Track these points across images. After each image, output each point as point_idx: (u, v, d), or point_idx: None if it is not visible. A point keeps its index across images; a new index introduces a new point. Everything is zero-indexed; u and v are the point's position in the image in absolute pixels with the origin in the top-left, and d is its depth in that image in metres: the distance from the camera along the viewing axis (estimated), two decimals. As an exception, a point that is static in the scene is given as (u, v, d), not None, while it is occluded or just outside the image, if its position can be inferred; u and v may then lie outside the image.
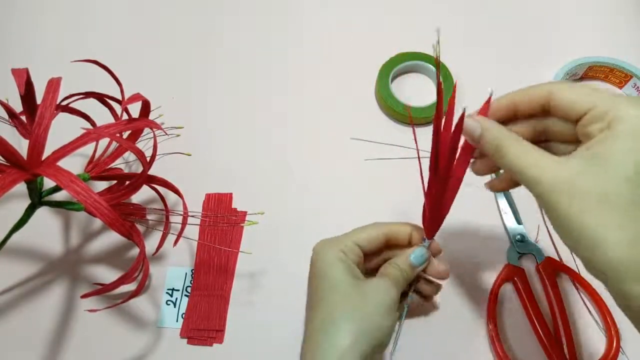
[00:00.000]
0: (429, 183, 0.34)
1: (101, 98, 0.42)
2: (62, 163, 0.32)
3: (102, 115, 0.42)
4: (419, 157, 0.34)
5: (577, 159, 0.25)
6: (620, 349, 0.40)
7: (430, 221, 0.35)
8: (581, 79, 0.54)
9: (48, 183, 0.36)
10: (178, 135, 0.49)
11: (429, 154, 0.33)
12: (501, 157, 0.28)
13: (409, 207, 0.47)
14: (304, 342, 0.34)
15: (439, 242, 0.38)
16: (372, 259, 0.38)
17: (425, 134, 0.50)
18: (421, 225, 0.37)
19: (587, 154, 0.25)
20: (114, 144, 0.45)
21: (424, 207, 0.36)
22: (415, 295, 0.39)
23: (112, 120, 0.43)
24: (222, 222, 0.47)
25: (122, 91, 0.42)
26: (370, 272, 0.38)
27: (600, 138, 0.25)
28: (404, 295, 0.37)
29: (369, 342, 0.31)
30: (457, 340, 0.42)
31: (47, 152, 0.32)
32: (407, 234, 0.37)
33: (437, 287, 0.39)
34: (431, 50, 0.54)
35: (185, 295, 0.44)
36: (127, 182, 0.41)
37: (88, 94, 0.41)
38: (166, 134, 0.42)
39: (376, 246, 0.36)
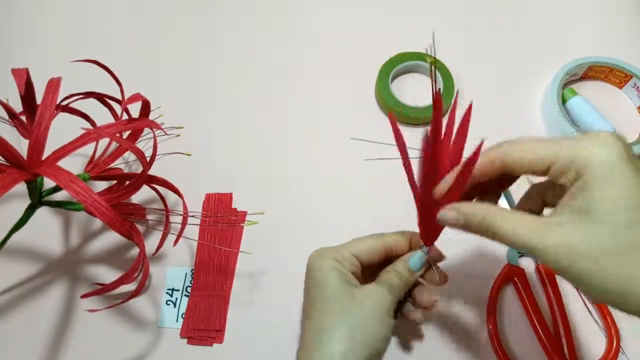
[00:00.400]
0: (420, 194, 0.32)
1: (101, 98, 0.42)
2: (62, 163, 0.32)
3: (102, 115, 0.42)
4: (407, 163, 0.31)
5: (564, 216, 0.24)
6: (620, 349, 0.40)
7: (426, 229, 0.34)
8: (581, 79, 0.54)
9: (48, 183, 0.36)
10: (178, 135, 0.49)
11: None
12: (493, 235, 0.27)
13: (410, 208, 0.47)
14: (298, 350, 0.33)
15: (440, 249, 0.36)
16: (371, 270, 0.37)
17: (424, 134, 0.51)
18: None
19: (571, 210, 0.24)
20: (114, 144, 0.45)
21: (418, 215, 0.34)
22: (411, 305, 0.37)
23: (112, 120, 0.43)
24: (222, 222, 0.47)
25: (122, 91, 0.42)
26: (369, 282, 0.37)
27: (576, 189, 0.24)
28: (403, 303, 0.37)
29: (363, 350, 0.31)
30: (458, 340, 0.42)
31: (47, 152, 0.32)
32: (407, 243, 0.36)
33: (435, 300, 0.37)
34: (431, 50, 0.54)
35: (185, 295, 0.44)
36: (127, 182, 0.41)
37: (88, 94, 0.41)
38: (166, 134, 0.42)
39: (375, 258, 0.36)
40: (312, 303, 0.34)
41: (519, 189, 0.49)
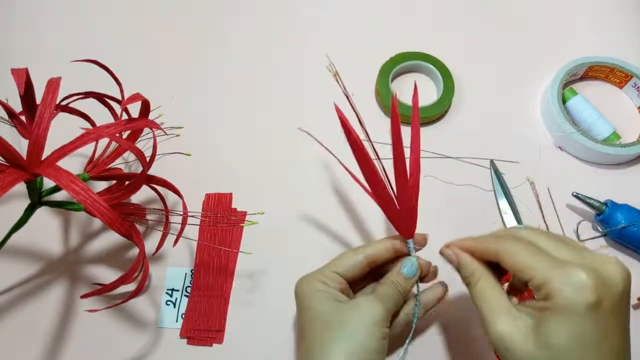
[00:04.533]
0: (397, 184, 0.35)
1: (101, 98, 0.42)
2: (62, 163, 0.32)
3: (102, 115, 0.42)
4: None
5: (524, 321, 0.28)
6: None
7: (401, 223, 0.35)
8: (581, 79, 0.54)
9: (48, 183, 0.36)
10: (178, 135, 0.49)
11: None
12: (471, 287, 0.32)
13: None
14: None
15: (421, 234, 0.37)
16: (359, 285, 0.37)
17: (425, 134, 0.51)
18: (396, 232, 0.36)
19: (533, 319, 0.28)
20: (114, 144, 0.45)
21: (386, 211, 0.36)
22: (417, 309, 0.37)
23: (112, 120, 0.43)
24: (222, 222, 0.47)
25: (122, 91, 0.42)
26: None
27: (540, 306, 0.27)
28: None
29: None
30: (458, 341, 0.42)
31: (47, 152, 0.32)
32: (389, 249, 0.36)
33: (443, 292, 0.38)
34: (432, 50, 0.54)
35: (185, 295, 0.44)
36: (127, 182, 0.41)
37: (88, 94, 0.41)
38: (166, 134, 0.42)
39: (359, 271, 0.36)
40: (303, 327, 0.34)
41: (521, 189, 0.49)
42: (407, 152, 0.49)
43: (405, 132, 0.53)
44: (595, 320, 0.25)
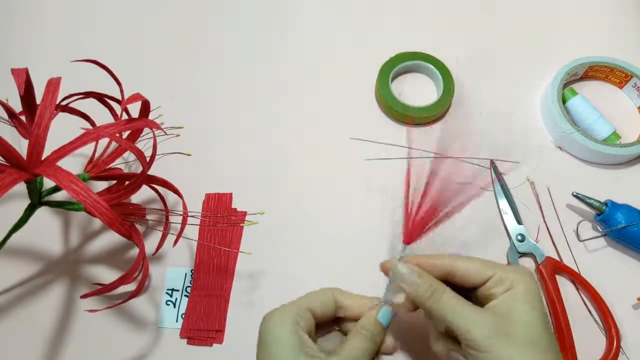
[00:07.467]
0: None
1: (101, 98, 0.42)
2: (62, 163, 0.32)
3: (102, 115, 0.42)
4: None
5: (495, 314, 0.31)
6: (620, 349, 0.40)
7: (411, 225, 0.34)
8: (581, 79, 0.54)
9: (48, 183, 0.36)
10: (178, 135, 0.49)
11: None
12: (436, 301, 0.32)
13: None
14: None
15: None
16: (322, 328, 0.35)
17: (425, 134, 0.51)
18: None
19: (498, 310, 0.31)
20: (114, 144, 0.45)
21: (411, 207, 0.35)
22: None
23: (112, 120, 0.43)
24: (222, 222, 0.47)
25: (122, 91, 0.42)
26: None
27: (505, 297, 0.31)
28: None
29: None
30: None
31: (47, 152, 0.32)
32: (362, 305, 0.34)
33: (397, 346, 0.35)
34: (432, 50, 0.54)
35: (185, 295, 0.44)
36: (127, 182, 0.41)
37: (88, 94, 0.41)
38: (166, 134, 0.42)
39: (329, 311, 0.33)
40: None
41: (520, 189, 0.49)
42: (405, 151, 0.50)
43: (405, 131, 0.53)
44: (539, 294, 0.32)
